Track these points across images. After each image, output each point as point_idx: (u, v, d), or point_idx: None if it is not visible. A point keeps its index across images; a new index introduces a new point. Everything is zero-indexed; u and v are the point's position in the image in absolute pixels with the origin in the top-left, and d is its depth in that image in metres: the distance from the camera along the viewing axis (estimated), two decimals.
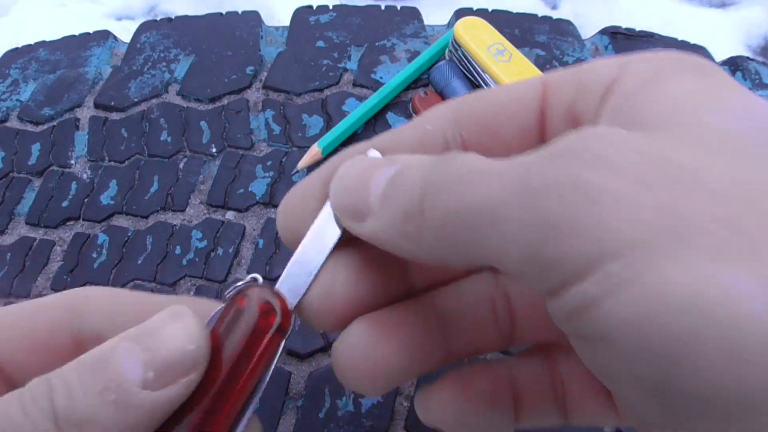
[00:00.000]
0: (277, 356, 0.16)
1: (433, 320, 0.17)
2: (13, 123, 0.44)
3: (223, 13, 0.50)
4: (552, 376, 0.18)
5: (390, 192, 0.14)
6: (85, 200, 0.40)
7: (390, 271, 0.17)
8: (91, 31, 0.50)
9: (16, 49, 0.49)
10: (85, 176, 0.41)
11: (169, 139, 0.42)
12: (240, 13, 0.50)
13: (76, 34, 0.50)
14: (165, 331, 0.14)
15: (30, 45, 0.49)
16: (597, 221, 0.11)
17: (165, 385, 0.14)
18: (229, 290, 0.16)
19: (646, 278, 0.10)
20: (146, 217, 0.39)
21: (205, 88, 0.44)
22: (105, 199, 0.40)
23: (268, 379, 0.15)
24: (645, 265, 0.10)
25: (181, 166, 0.41)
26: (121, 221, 0.39)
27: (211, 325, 0.15)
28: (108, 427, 0.13)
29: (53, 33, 0.50)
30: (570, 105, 0.15)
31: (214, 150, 0.42)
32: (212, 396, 0.14)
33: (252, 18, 0.49)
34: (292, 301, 0.16)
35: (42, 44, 0.49)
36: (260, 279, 0.17)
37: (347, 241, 0.16)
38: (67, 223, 0.39)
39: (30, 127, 0.44)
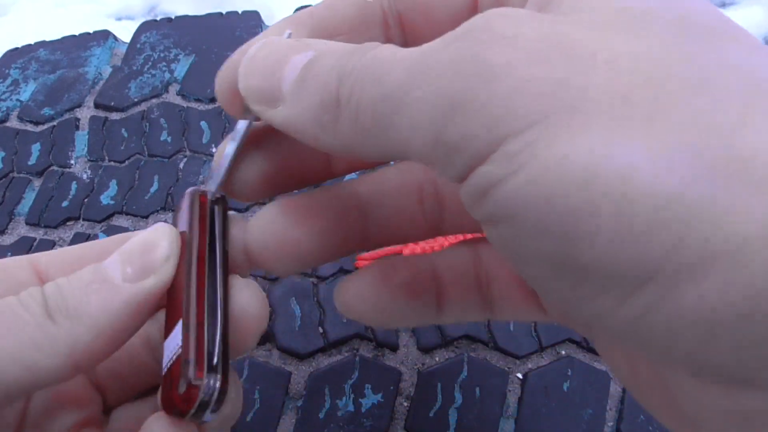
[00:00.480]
0: (220, 222, 0.17)
1: (352, 206, 0.17)
2: (13, 123, 0.44)
3: (223, 13, 0.50)
4: (476, 269, 0.18)
5: (305, 78, 0.14)
6: (85, 200, 0.40)
7: (310, 155, 0.18)
8: (91, 31, 0.50)
9: (16, 49, 0.49)
10: (85, 176, 0.41)
11: (169, 139, 0.42)
12: (240, 13, 0.50)
13: (76, 34, 0.50)
14: (141, 237, 0.16)
15: (30, 45, 0.49)
16: (495, 98, 0.11)
17: (142, 278, 0.15)
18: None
19: (544, 155, 0.10)
20: (146, 217, 0.39)
21: (205, 88, 0.44)
22: (105, 199, 0.40)
23: (222, 248, 0.17)
24: (543, 142, 0.10)
25: (181, 166, 0.41)
26: (121, 221, 0.39)
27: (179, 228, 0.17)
28: (93, 313, 0.15)
29: (53, 33, 0.50)
30: None
31: (214, 150, 0.42)
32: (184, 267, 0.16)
33: (252, 18, 0.49)
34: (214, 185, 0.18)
35: (42, 44, 0.49)
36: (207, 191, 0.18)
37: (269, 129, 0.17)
38: (67, 223, 0.39)
39: (30, 127, 0.44)
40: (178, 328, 0.15)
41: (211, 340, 0.15)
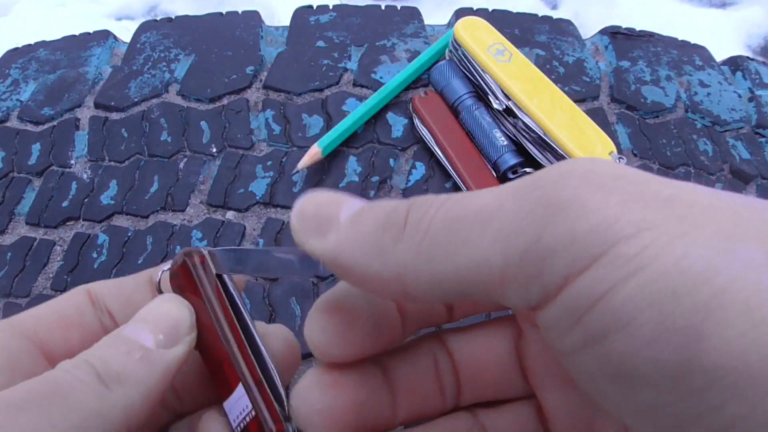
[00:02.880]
0: (229, 279, 0.18)
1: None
2: (13, 123, 0.44)
3: (223, 13, 0.50)
4: None
5: (366, 210, 0.14)
6: (85, 200, 0.40)
7: (377, 397, 0.18)
8: (91, 31, 0.50)
9: (16, 49, 0.49)
10: (85, 176, 0.41)
11: (169, 139, 0.42)
12: (240, 13, 0.50)
13: (76, 34, 0.50)
14: (159, 308, 0.17)
15: (30, 45, 0.49)
16: (608, 204, 0.11)
17: (173, 345, 0.17)
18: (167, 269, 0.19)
19: (663, 256, 0.10)
20: (146, 217, 0.39)
21: (205, 88, 0.44)
22: (105, 199, 0.40)
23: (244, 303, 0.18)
24: (660, 246, 0.10)
25: (181, 166, 0.41)
26: (121, 221, 0.39)
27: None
28: (142, 378, 0.16)
29: (53, 33, 0.50)
30: None
31: (214, 150, 0.42)
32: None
33: (252, 18, 0.49)
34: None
35: (42, 44, 0.49)
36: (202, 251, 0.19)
37: None
38: (67, 223, 0.39)
39: (30, 127, 0.44)
40: (240, 391, 0.17)
41: (274, 393, 0.17)
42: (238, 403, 0.17)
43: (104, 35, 0.49)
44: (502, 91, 0.40)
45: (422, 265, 0.12)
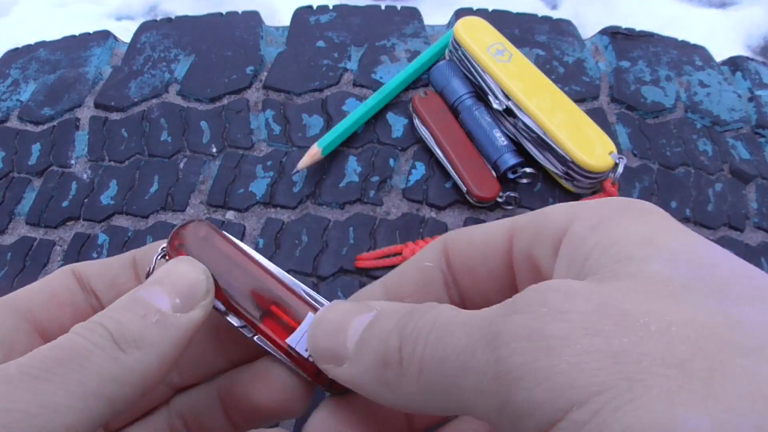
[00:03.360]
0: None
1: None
2: (13, 123, 0.44)
3: (223, 13, 0.50)
4: None
5: (368, 338, 0.15)
6: (85, 200, 0.40)
7: (391, 418, 0.19)
8: (91, 31, 0.50)
9: (16, 49, 0.49)
10: (85, 176, 0.41)
11: (169, 139, 0.42)
12: (240, 13, 0.50)
13: (76, 34, 0.50)
14: (176, 271, 0.17)
15: (30, 45, 0.49)
16: (558, 371, 0.11)
17: (190, 309, 0.17)
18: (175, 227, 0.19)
19: (612, 424, 0.11)
20: (146, 217, 0.39)
21: (205, 88, 0.44)
22: (105, 199, 0.40)
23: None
24: (609, 412, 0.11)
25: (181, 166, 0.41)
26: (121, 221, 0.39)
27: None
28: (157, 342, 0.16)
29: (53, 33, 0.50)
30: (528, 250, 0.16)
31: (214, 150, 0.42)
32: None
33: (252, 18, 0.49)
34: None
35: (42, 44, 0.49)
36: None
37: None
38: (67, 223, 0.39)
39: (30, 127, 0.44)
40: (308, 322, 0.18)
41: None
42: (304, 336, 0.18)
43: (104, 35, 0.49)
44: (502, 91, 0.40)
45: (425, 401, 0.14)
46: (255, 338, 0.18)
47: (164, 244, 0.19)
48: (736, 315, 0.11)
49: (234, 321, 0.18)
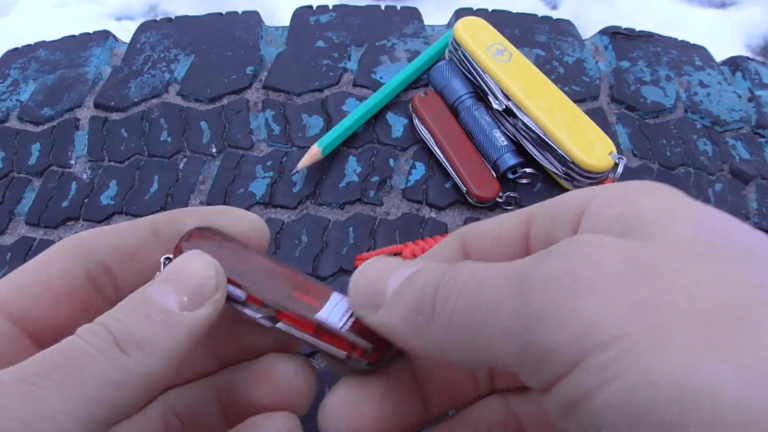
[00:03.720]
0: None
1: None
2: (13, 123, 0.44)
3: (223, 13, 0.50)
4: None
5: (406, 286, 0.16)
6: (85, 200, 0.40)
7: (407, 399, 0.18)
8: (91, 31, 0.50)
9: (16, 49, 0.49)
10: (85, 176, 0.41)
11: (169, 139, 0.42)
12: (240, 13, 0.50)
13: (76, 34, 0.50)
14: (185, 266, 0.17)
15: (30, 45, 0.49)
16: (583, 313, 0.12)
17: (198, 307, 0.16)
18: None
19: (633, 369, 0.11)
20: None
21: (205, 88, 0.44)
22: (105, 199, 0.40)
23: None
24: (631, 357, 0.11)
25: (181, 166, 0.41)
26: (121, 221, 0.39)
27: None
28: (161, 342, 0.15)
29: (53, 33, 0.50)
30: (547, 234, 0.17)
31: (214, 150, 0.42)
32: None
33: (252, 18, 0.49)
34: None
35: (42, 44, 0.49)
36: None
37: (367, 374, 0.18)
38: (67, 223, 0.39)
39: (30, 127, 0.44)
40: (336, 298, 0.18)
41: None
42: (337, 308, 0.18)
43: (104, 35, 0.49)
44: (502, 91, 0.40)
45: (453, 348, 0.14)
46: (278, 325, 0.18)
47: (169, 255, 0.18)
48: (761, 277, 0.12)
49: (252, 312, 0.18)
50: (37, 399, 0.13)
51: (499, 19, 0.49)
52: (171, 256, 0.18)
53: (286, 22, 0.49)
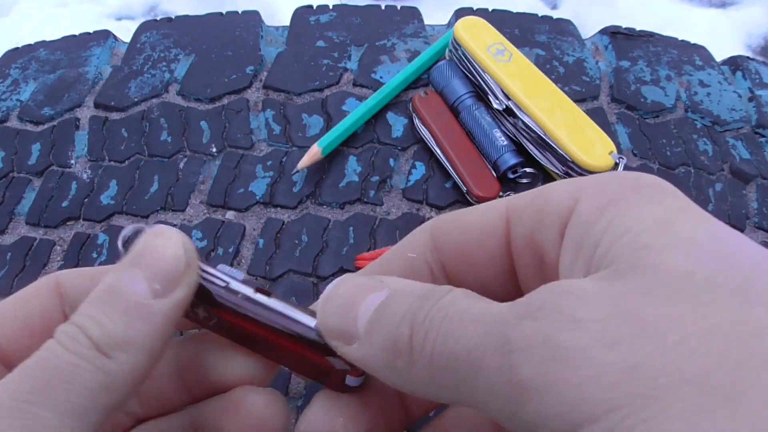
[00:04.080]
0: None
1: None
2: (13, 123, 0.44)
3: (223, 13, 0.50)
4: None
5: (379, 320, 0.15)
6: (85, 200, 0.40)
7: (388, 404, 0.18)
8: (91, 31, 0.50)
9: (16, 49, 0.49)
10: (85, 176, 0.41)
11: (169, 139, 0.42)
12: (240, 13, 0.50)
13: (76, 34, 0.50)
14: (153, 248, 0.16)
15: (30, 45, 0.49)
16: (571, 385, 0.11)
17: (172, 291, 0.15)
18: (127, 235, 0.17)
19: None
20: (146, 217, 0.39)
21: (205, 88, 0.44)
22: (105, 199, 0.40)
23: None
24: (623, 430, 0.10)
25: (181, 166, 0.41)
26: (121, 221, 0.39)
27: None
28: (142, 338, 0.15)
29: (53, 33, 0.50)
30: (530, 233, 0.15)
31: (214, 150, 0.42)
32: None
33: (252, 18, 0.49)
34: None
35: (42, 44, 0.49)
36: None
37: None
38: (67, 223, 0.39)
39: (30, 127, 0.44)
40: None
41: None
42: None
43: (104, 35, 0.49)
44: (502, 91, 0.40)
45: (436, 391, 0.14)
46: (270, 301, 0.17)
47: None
48: (761, 317, 0.11)
49: (238, 287, 0.17)
50: (33, 417, 0.13)
51: (499, 19, 0.49)
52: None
53: (286, 22, 0.49)
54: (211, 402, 0.19)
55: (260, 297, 0.17)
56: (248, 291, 0.17)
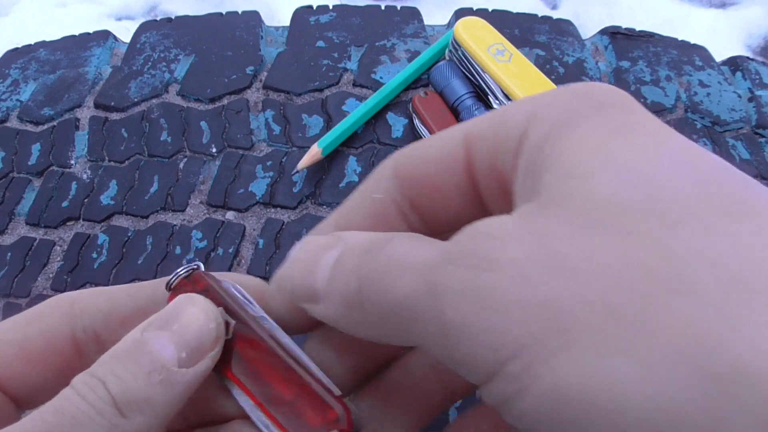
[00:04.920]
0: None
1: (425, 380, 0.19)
2: (13, 123, 0.44)
3: (223, 13, 0.50)
4: None
5: (333, 279, 0.15)
6: (85, 200, 0.40)
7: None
8: (91, 31, 0.50)
9: (16, 49, 0.49)
10: (85, 176, 0.41)
11: (169, 139, 0.42)
12: (240, 13, 0.50)
13: (76, 34, 0.50)
14: (186, 314, 0.16)
15: (30, 45, 0.49)
16: (491, 325, 0.11)
17: (196, 362, 0.15)
18: (178, 275, 0.17)
19: (541, 378, 0.11)
20: (146, 217, 0.39)
21: (205, 88, 0.44)
22: (105, 199, 0.40)
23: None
24: (538, 365, 0.11)
25: (181, 166, 0.41)
26: (121, 221, 0.39)
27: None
28: (160, 403, 0.15)
29: (53, 33, 0.50)
30: (491, 160, 0.15)
31: (214, 150, 0.42)
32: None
33: (252, 18, 0.49)
34: None
35: (42, 44, 0.49)
36: (201, 266, 0.18)
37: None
38: (67, 223, 0.39)
39: (30, 127, 0.44)
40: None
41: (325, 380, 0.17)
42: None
43: (104, 35, 0.49)
44: (502, 91, 0.40)
45: (392, 338, 0.14)
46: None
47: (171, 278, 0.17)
48: (678, 249, 0.10)
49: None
50: None
51: (499, 19, 0.49)
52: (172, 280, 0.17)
53: (286, 22, 0.49)
54: None
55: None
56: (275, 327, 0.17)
